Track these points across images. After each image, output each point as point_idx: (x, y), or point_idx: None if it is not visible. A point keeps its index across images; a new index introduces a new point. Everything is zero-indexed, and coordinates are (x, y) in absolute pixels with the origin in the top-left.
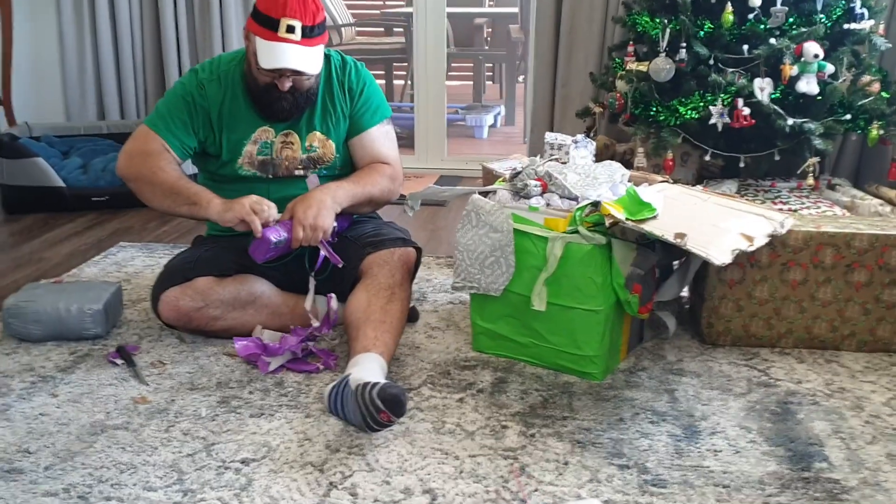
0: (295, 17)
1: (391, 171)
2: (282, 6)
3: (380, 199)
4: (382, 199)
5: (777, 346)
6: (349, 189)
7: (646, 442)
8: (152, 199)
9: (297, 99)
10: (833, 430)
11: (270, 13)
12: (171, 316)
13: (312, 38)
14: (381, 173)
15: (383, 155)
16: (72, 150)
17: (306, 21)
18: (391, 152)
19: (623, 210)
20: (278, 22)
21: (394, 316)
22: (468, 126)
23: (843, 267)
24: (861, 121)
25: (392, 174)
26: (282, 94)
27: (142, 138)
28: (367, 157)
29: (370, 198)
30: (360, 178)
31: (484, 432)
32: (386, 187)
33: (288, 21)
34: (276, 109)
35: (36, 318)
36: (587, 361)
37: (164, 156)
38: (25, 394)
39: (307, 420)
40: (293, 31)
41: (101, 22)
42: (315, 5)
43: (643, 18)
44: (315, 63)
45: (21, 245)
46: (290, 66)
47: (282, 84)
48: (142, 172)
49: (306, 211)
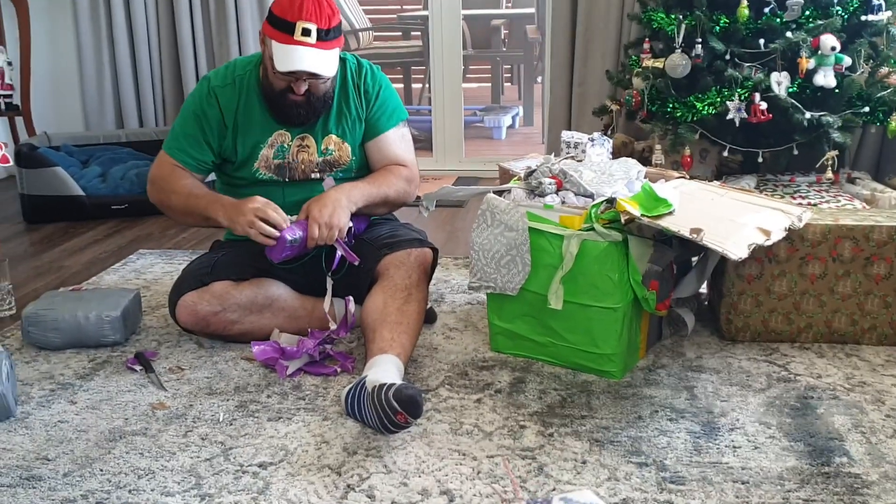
0: (311, 20)
1: (407, 172)
2: (298, 9)
3: (395, 201)
4: (398, 201)
5: (797, 340)
6: (364, 189)
7: (664, 439)
8: (178, 220)
9: (312, 103)
10: (853, 424)
11: (286, 17)
12: (188, 320)
13: (328, 41)
14: (398, 175)
15: (400, 157)
16: (91, 159)
17: (322, 24)
18: (408, 155)
19: (639, 206)
20: (294, 25)
21: (411, 317)
22: (486, 127)
23: (862, 260)
24: (880, 113)
25: (408, 176)
26: (298, 99)
27: (160, 163)
28: (384, 160)
29: (385, 198)
30: (375, 179)
31: (502, 432)
32: (402, 189)
33: (304, 24)
34: (291, 114)
35: (55, 326)
36: (605, 360)
37: (180, 175)
38: (45, 401)
39: (325, 423)
40: (309, 35)
41: (119, 31)
42: (331, 9)
43: (658, 15)
44: (331, 66)
45: (41, 254)
46: (306, 69)
47: (298, 88)
48: (161, 198)
49: (321, 210)
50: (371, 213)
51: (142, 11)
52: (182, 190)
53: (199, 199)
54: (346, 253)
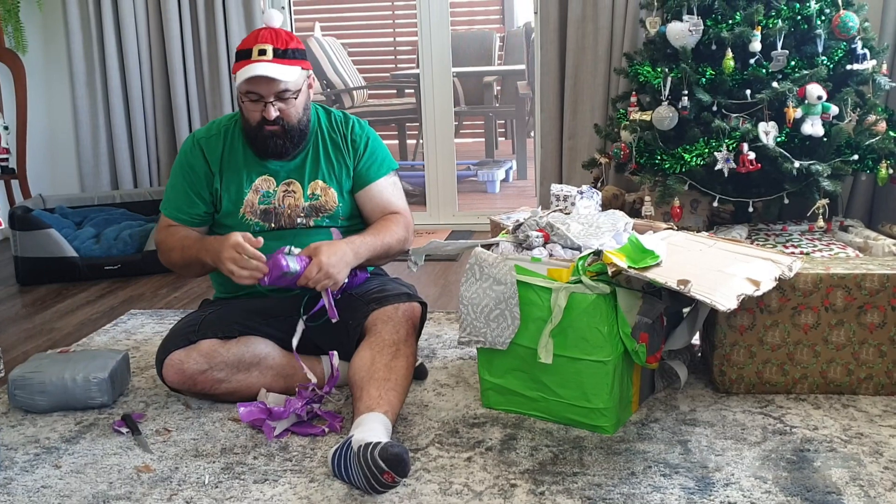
0: (266, 42)
1: (403, 220)
2: (253, 38)
3: (396, 249)
4: (399, 249)
5: (792, 392)
6: (370, 242)
7: (658, 496)
8: (186, 275)
9: (288, 131)
10: (851, 477)
11: (245, 46)
12: (175, 379)
13: (286, 58)
14: (396, 223)
15: (394, 204)
16: (85, 220)
17: (278, 45)
18: (400, 202)
19: (626, 258)
20: (251, 50)
21: (399, 373)
22: (480, 181)
23: (855, 309)
24: (869, 160)
25: (406, 223)
26: (273, 129)
27: (159, 226)
28: (378, 208)
29: (388, 248)
30: (377, 231)
31: (492, 492)
32: (402, 236)
33: (260, 46)
34: (269, 146)
35: (42, 388)
36: (597, 414)
37: (175, 231)
38: (28, 466)
39: (311, 485)
40: (265, 53)
41: (114, 95)
42: (288, 36)
43: (645, 68)
44: (288, 73)
45: (33, 316)
46: (259, 73)
47: (268, 113)
48: (164, 259)
49: (330, 257)
50: (373, 264)
51: (136, 75)
52: (177, 245)
53: (190, 248)
54: (329, 306)
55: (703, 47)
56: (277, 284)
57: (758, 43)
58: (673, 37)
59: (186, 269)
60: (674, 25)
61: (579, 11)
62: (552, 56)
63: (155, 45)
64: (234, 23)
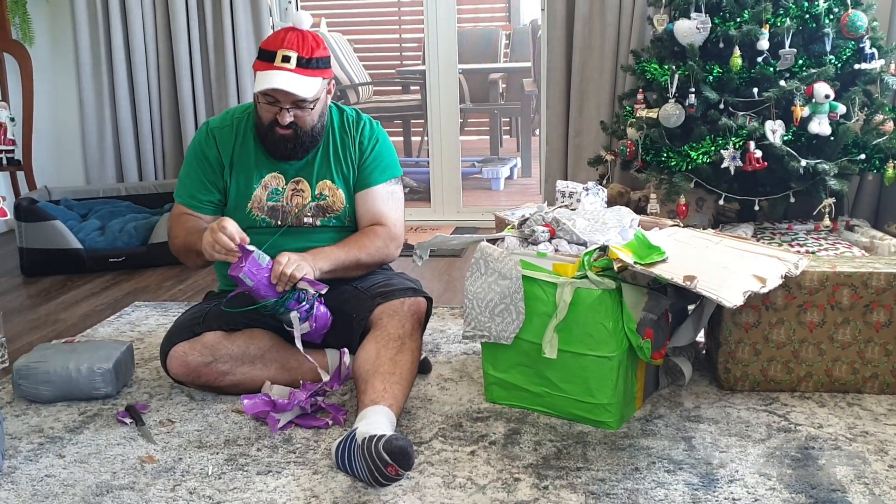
0: (292, 48)
1: (387, 232)
2: (280, 40)
3: (369, 263)
4: (373, 263)
5: (797, 389)
6: (333, 255)
7: (662, 492)
8: (191, 264)
9: (300, 136)
10: (856, 475)
11: (269, 47)
12: (179, 371)
13: (310, 68)
14: (375, 235)
15: (383, 214)
16: (90, 212)
17: (304, 53)
18: (392, 213)
19: (632, 254)
20: (275, 53)
21: (404, 367)
22: (485, 178)
23: (861, 307)
24: (876, 160)
25: (388, 235)
26: (285, 133)
27: (171, 214)
28: (368, 215)
29: (357, 262)
30: (346, 244)
31: (496, 485)
32: (377, 250)
33: (284, 52)
34: (280, 148)
35: (46, 378)
36: (601, 410)
37: (184, 220)
38: (32, 455)
39: (315, 476)
40: (288, 61)
41: (120, 87)
42: (315, 41)
43: (652, 66)
44: (308, 88)
45: (38, 307)
46: (278, 87)
47: (282, 118)
48: (172, 247)
49: (289, 258)
50: (344, 276)
51: (143, 68)
52: (182, 233)
53: (190, 234)
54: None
55: (710, 45)
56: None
57: (765, 41)
58: (680, 34)
59: (186, 255)
60: (681, 23)
61: (586, 8)
62: (559, 53)
63: (161, 38)
64: (240, 15)
